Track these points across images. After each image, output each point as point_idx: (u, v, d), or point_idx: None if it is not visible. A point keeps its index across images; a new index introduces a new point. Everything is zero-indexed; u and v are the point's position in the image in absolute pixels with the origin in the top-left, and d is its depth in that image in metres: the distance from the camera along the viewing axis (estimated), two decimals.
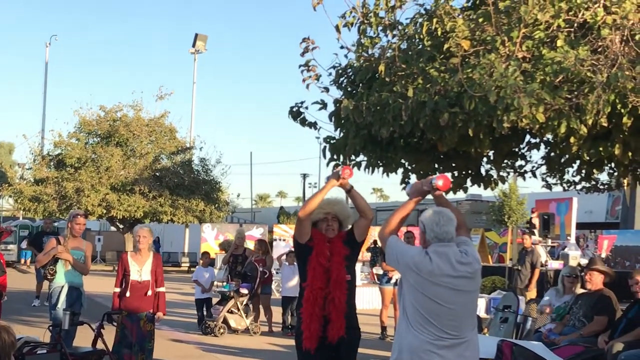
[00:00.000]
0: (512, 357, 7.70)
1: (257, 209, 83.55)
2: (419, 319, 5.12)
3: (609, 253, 23.54)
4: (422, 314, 5.12)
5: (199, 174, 45.53)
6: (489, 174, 13.64)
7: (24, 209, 43.61)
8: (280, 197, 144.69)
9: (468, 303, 5.32)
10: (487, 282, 22.49)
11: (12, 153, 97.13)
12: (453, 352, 5.10)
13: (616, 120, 9.72)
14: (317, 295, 6.89)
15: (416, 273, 5.18)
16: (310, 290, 6.98)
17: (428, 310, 5.12)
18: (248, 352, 14.33)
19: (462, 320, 5.19)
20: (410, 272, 5.23)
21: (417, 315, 5.13)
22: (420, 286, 5.14)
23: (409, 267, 5.25)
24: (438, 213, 5.37)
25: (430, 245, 5.30)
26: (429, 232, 5.32)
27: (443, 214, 5.38)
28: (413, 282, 5.17)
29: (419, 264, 5.25)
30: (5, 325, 3.29)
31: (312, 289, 6.94)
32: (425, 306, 5.13)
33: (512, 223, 34.31)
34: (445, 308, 5.11)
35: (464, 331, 5.18)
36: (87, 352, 10.26)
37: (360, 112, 11.08)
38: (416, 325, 5.11)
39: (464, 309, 5.27)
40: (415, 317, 5.13)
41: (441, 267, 5.17)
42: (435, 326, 5.09)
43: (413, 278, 5.19)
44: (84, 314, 11.08)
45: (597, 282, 10.72)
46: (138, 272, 10.33)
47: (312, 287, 6.93)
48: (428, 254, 5.24)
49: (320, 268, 6.92)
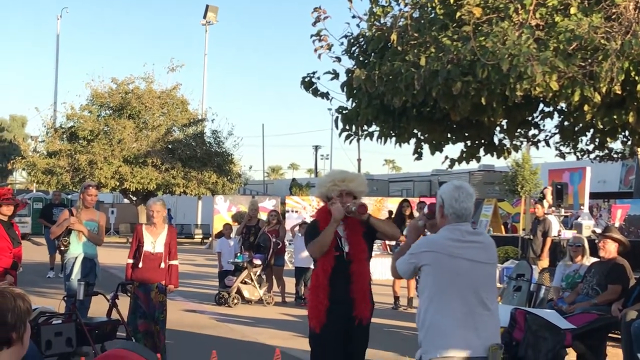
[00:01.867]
0: (526, 325, 7.70)
1: (269, 180, 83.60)
2: (443, 299, 5.07)
3: (622, 222, 23.45)
4: (446, 293, 5.06)
5: (211, 146, 45.54)
6: (502, 143, 13.61)
7: (38, 182, 43.81)
8: (292, 169, 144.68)
9: (487, 275, 5.29)
10: (500, 252, 22.45)
11: (25, 126, 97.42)
12: (479, 326, 5.06)
13: (630, 87, 9.67)
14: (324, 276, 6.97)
15: (432, 251, 5.12)
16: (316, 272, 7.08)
17: (450, 286, 5.06)
18: (261, 322, 14.39)
19: (483, 293, 5.16)
20: (426, 254, 5.14)
21: (442, 295, 5.06)
22: (439, 263, 5.08)
23: (423, 251, 5.18)
24: (458, 188, 5.30)
25: (445, 224, 5.24)
26: (447, 207, 5.23)
27: (463, 189, 5.30)
28: (431, 261, 5.09)
29: (430, 242, 5.22)
30: (20, 293, 3.29)
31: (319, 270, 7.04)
32: (446, 283, 5.07)
33: (524, 193, 34.27)
34: (466, 281, 5.07)
35: (486, 304, 5.16)
36: (101, 322, 10.32)
37: (372, 82, 11.04)
38: (441, 306, 5.06)
39: (484, 281, 5.24)
40: (440, 298, 5.07)
41: (451, 237, 5.15)
42: (459, 303, 5.04)
43: (430, 258, 5.11)
44: (98, 285, 11.14)
45: (611, 251, 10.69)
46: (152, 243, 10.35)
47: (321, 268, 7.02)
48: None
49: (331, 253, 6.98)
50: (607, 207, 30.88)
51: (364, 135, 12.93)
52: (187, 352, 11.25)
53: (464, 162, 13.45)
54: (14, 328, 3.22)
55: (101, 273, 11.48)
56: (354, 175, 7.31)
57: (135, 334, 10.05)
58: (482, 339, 5.02)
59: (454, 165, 13.53)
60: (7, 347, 3.22)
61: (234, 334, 13.12)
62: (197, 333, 12.99)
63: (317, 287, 7.03)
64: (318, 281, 7.03)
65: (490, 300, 5.20)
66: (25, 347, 3.33)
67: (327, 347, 7.05)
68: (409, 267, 5.26)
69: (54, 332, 9.43)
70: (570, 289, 11.27)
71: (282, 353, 10.20)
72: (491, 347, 5.00)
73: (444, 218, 5.26)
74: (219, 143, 46.00)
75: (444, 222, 5.26)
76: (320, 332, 6.99)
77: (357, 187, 7.10)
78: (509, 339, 7.82)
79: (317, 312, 6.99)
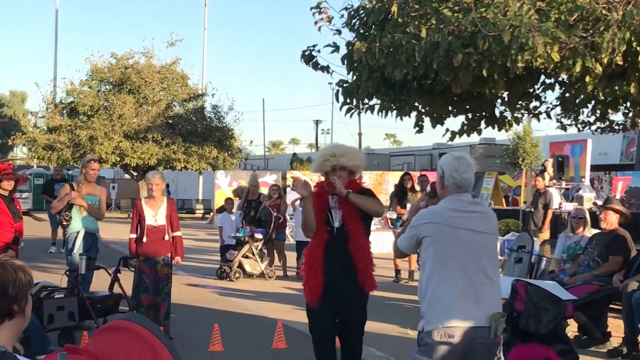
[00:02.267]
0: (527, 297, 7.70)
1: (270, 155, 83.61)
2: (445, 270, 5.05)
3: (623, 194, 23.40)
4: (447, 264, 5.05)
5: (211, 121, 45.44)
6: (503, 116, 13.59)
7: (38, 158, 43.76)
8: (293, 143, 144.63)
9: (488, 245, 5.29)
10: (501, 225, 22.44)
11: (24, 102, 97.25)
12: (480, 297, 5.06)
13: (632, 58, 9.63)
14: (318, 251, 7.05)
15: (433, 223, 5.11)
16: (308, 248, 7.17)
17: (451, 257, 5.04)
18: (263, 296, 14.43)
19: (485, 263, 5.16)
20: (427, 226, 5.11)
21: (443, 266, 5.05)
22: (440, 234, 5.07)
23: (424, 222, 5.16)
24: (458, 159, 5.28)
25: (446, 195, 5.23)
26: (447, 178, 5.21)
27: (463, 159, 5.28)
28: (433, 232, 5.08)
29: (431, 213, 5.21)
30: (21, 265, 3.29)
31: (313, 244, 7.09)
32: (448, 254, 5.05)
33: (526, 166, 34.23)
34: (467, 252, 5.07)
35: (488, 274, 5.16)
36: (104, 296, 10.37)
37: (373, 55, 10.99)
38: (443, 277, 5.05)
39: (486, 251, 5.24)
40: (441, 269, 5.06)
41: (452, 207, 5.14)
42: (460, 273, 5.03)
43: (431, 229, 5.09)
44: (100, 260, 11.15)
45: (612, 222, 10.68)
46: (153, 217, 10.35)
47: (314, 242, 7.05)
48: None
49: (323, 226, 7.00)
50: (608, 179, 30.88)
51: (364, 109, 12.90)
52: (189, 326, 11.28)
53: (465, 135, 13.43)
54: (15, 300, 3.22)
55: (103, 248, 11.48)
56: (345, 149, 7.23)
57: (138, 308, 10.08)
58: (484, 309, 5.02)
59: (455, 138, 13.51)
60: (8, 319, 3.22)
61: (236, 308, 13.15)
62: (199, 307, 13.03)
63: (311, 262, 7.12)
64: (312, 256, 7.12)
65: (492, 270, 5.20)
66: (27, 320, 3.34)
67: (322, 321, 7.13)
68: (410, 240, 5.25)
69: (56, 306, 9.47)
70: (571, 260, 11.29)
71: (283, 326, 10.24)
72: (493, 315, 5.00)
73: (445, 189, 5.25)
74: (219, 118, 45.91)
75: (445, 193, 5.26)
76: (316, 307, 7.07)
77: (349, 162, 7.04)
78: (510, 310, 7.82)
79: (312, 286, 7.05)
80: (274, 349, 9.78)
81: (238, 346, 9.98)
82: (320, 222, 7.02)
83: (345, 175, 7.04)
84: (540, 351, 7.60)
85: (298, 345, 9.94)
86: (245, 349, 9.90)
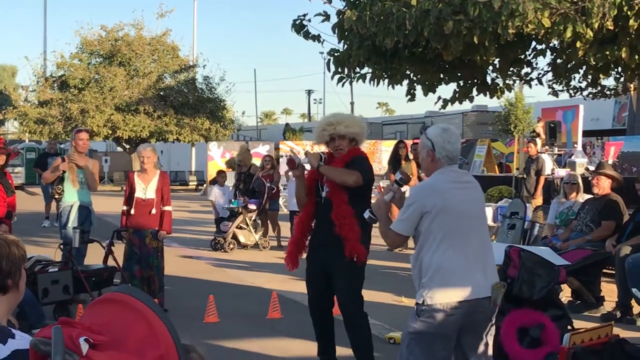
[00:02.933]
0: (520, 262, 7.73)
1: (262, 126, 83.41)
2: (450, 242, 5.03)
3: (615, 159, 23.46)
4: (454, 236, 5.03)
5: (203, 93, 45.27)
6: (495, 83, 13.57)
7: (30, 132, 43.62)
8: (285, 114, 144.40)
9: (483, 214, 5.34)
10: (493, 192, 22.47)
11: (15, 76, 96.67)
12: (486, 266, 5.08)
13: (622, 22, 9.61)
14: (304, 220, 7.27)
15: (438, 195, 5.04)
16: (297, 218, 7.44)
17: (457, 228, 5.03)
18: (258, 266, 14.46)
19: (484, 232, 5.21)
20: (431, 199, 5.02)
21: (449, 239, 5.01)
22: (445, 206, 5.00)
23: (428, 196, 5.08)
24: (446, 130, 5.22)
25: (438, 168, 5.17)
26: (439, 150, 5.12)
27: (451, 131, 5.24)
28: (438, 205, 5.00)
29: (432, 186, 5.13)
30: (14, 239, 3.28)
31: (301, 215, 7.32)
32: (453, 225, 5.02)
33: (518, 132, 34.24)
34: (470, 222, 5.07)
35: (487, 243, 5.20)
36: (98, 269, 10.38)
37: (363, 23, 10.95)
38: (449, 249, 5.03)
39: (483, 220, 5.30)
40: (448, 242, 5.03)
41: (449, 180, 5.12)
42: (464, 245, 5.03)
43: (436, 202, 5.00)
44: (94, 233, 11.15)
45: (605, 187, 10.71)
46: (143, 190, 10.35)
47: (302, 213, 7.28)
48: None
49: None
50: (600, 145, 30.92)
51: (356, 78, 12.88)
52: (184, 297, 11.31)
53: (457, 102, 13.42)
54: (9, 275, 3.22)
55: (96, 221, 11.48)
56: (342, 117, 7.21)
57: (132, 280, 10.09)
58: (489, 279, 5.04)
59: (447, 106, 13.51)
60: (2, 294, 3.22)
61: (231, 279, 13.19)
62: (194, 278, 13.06)
63: (295, 230, 7.50)
64: (297, 225, 7.44)
65: (488, 238, 5.23)
66: (21, 294, 3.34)
67: (315, 292, 7.27)
68: (410, 219, 5.06)
69: (50, 280, 9.48)
70: (564, 225, 11.33)
71: (278, 296, 10.29)
72: (494, 285, 5.01)
73: (435, 162, 5.15)
74: (211, 89, 45.73)
75: (435, 166, 5.17)
76: (309, 278, 7.32)
77: (347, 129, 7.02)
78: (504, 277, 7.84)
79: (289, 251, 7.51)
80: (269, 319, 9.84)
81: (233, 317, 10.02)
82: (310, 193, 7.14)
83: (345, 143, 7.03)
84: (534, 317, 7.65)
85: (293, 315, 9.99)
86: (241, 320, 9.94)
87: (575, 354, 5.06)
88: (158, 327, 2.28)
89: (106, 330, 2.30)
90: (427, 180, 5.26)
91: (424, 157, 5.22)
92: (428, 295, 4.94)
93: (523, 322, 7.59)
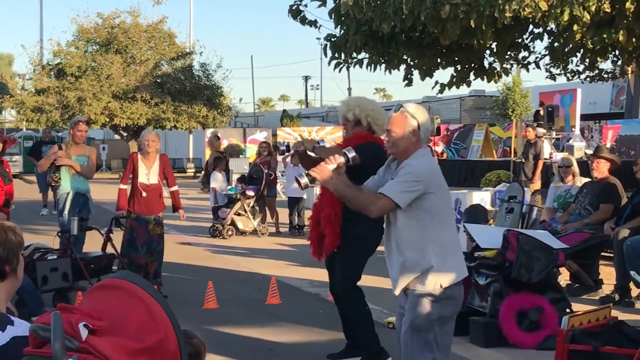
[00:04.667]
0: (518, 246, 7.75)
1: (260, 113, 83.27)
2: (450, 223, 5.13)
3: (613, 143, 23.49)
4: (450, 217, 5.17)
5: (200, 80, 45.27)
6: (492, 67, 13.56)
7: (27, 120, 43.63)
8: (282, 100, 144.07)
9: None
10: (491, 176, 22.53)
11: (11, 64, 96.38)
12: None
13: (619, 5, 9.60)
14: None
15: (437, 175, 5.05)
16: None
17: (449, 210, 5.20)
18: (256, 253, 14.48)
19: None
20: (434, 180, 4.99)
21: (445, 220, 5.06)
22: (442, 186, 5.03)
23: (431, 177, 5.00)
24: (424, 110, 5.22)
25: (419, 148, 5.08)
26: (424, 131, 5.04)
27: (426, 110, 5.30)
28: (438, 185, 4.98)
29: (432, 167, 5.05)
30: (10, 226, 3.28)
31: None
32: (448, 208, 5.19)
33: (516, 117, 34.24)
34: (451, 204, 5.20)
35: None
36: (97, 257, 10.38)
37: (360, 8, 10.93)
38: (450, 231, 5.10)
39: None
40: (447, 222, 5.07)
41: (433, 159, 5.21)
42: (454, 226, 5.17)
43: (437, 182, 4.99)
44: (92, 220, 11.14)
45: (603, 170, 10.71)
46: (146, 175, 10.33)
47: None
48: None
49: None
50: (598, 128, 30.94)
51: (353, 63, 12.86)
52: (183, 284, 11.32)
53: (454, 86, 13.41)
54: (6, 261, 3.22)
55: (95, 208, 11.47)
56: (345, 100, 7.33)
57: (130, 267, 10.09)
58: None
59: (444, 91, 13.50)
60: (0, 281, 3.22)
61: (229, 265, 13.20)
62: (193, 265, 13.07)
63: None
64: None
65: None
66: (19, 280, 3.34)
67: (328, 272, 7.51)
68: (413, 195, 4.90)
69: (49, 268, 9.48)
70: (562, 209, 11.35)
71: (277, 282, 10.30)
72: None
73: (417, 142, 5.02)
74: (207, 76, 45.72)
75: (417, 146, 5.03)
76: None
77: (349, 112, 6.95)
78: (502, 260, 7.87)
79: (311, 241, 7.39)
80: (268, 304, 9.85)
81: (232, 303, 10.03)
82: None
83: (349, 126, 6.98)
84: (533, 300, 7.67)
85: (292, 300, 10.01)
86: (240, 306, 9.95)
87: (573, 336, 5.07)
88: (157, 312, 2.28)
89: (105, 316, 2.30)
90: (428, 161, 5.10)
91: (407, 135, 4.99)
92: (442, 278, 4.93)
93: (522, 305, 7.61)
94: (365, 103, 7.04)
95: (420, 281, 4.94)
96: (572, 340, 5.07)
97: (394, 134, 5.00)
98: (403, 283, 5.00)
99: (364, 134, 6.89)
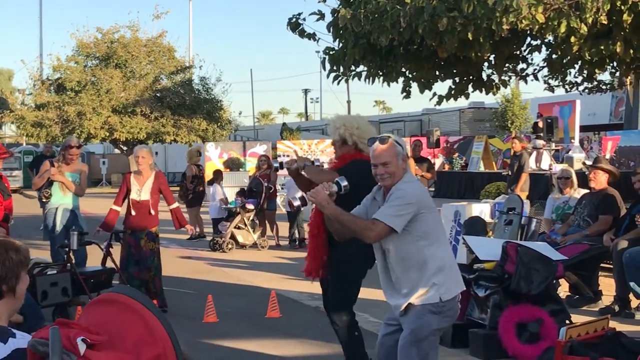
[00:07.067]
0: (517, 258, 7.75)
1: (259, 126, 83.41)
2: (443, 239, 5.28)
3: (613, 154, 23.49)
4: (443, 231, 5.32)
5: (199, 93, 45.26)
6: (490, 79, 13.60)
7: (27, 135, 43.62)
8: (282, 113, 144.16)
9: None
10: (491, 188, 22.54)
11: (11, 79, 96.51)
12: None
13: (616, 17, 9.63)
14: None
15: (429, 196, 5.25)
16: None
17: (440, 223, 5.32)
18: (256, 266, 14.47)
19: None
20: (426, 199, 5.10)
21: (442, 235, 5.26)
22: (432, 205, 5.17)
23: (425, 198, 5.10)
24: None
25: (405, 171, 5.19)
26: (405, 156, 5.22)
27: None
28: (430, 204, 5.13)
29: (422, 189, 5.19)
30: (15, 245, 3.25)
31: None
32: (439, 220, 5.30)
33: (515, 128, 34.29)
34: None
35: None
36: (96, 271, 10.38)
37: (358, 21, 10.98)
38: (446, 246, 5.27)
39: None
40: (441, 238, 5.22)
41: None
42: (445, 235, 5.27)
43: (428, 201, 5.13)
44: (92, 235, 11.14)
45: (602, 181, 10.71)
46: (138, 191, 10.37)
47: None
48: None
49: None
50: (597, 140, 30.96)
51: (351, 76, 12.91)
52: (183, 298, 11.32)
53: (453, 98, 13.46)
54: (4, 280, 3.20)
55: (90, 223, 11.47)
56: (331, 120, 7.18)
57: (131, 282, 10.09)
58: None
59: (443, 103, 13.54)
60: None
61: (230, 279, 13.20)
62: (193, 279, 13.06)
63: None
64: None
65: None
66: (19, 299, 3.31)
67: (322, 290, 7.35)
68: (406, 218, 5.00)
69: (49, 283, 9.47)
70: (560, 220, 11.34)
71: (277, 295, 10.30)
72: None
73: (404, 166, 5.18)
74: (207, 90, 45.71)
75: (404, 171, 5.16)
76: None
77: (332, 133, 6.91)
78: (501, 272, 7.87)
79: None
80: (267, 318, 9.84)
81: (232, 317, 10.03)
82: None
83: (337, 146, 6.90)
84: (532, 312, 7.67)
85: (292, 314, 10.01)
86: (239, 319, 9.95)
87: (571, 348, 5.08)
88: (155, 327, 2.29)
89: (103, 330, 2.32)
90: (416, 185, 5.19)
91: (399, 164, 5.12)
92: (443, 292, 5.05)
93: (521, 317, 7.61)
94: (350, 121, 6.90)
95: (424, 296, 5.06)
96: (570, 352, 5.09)
97: (390, 166, 5.09)
98: (408, 301, 5.12)
99: (352, 153, 6.80)
